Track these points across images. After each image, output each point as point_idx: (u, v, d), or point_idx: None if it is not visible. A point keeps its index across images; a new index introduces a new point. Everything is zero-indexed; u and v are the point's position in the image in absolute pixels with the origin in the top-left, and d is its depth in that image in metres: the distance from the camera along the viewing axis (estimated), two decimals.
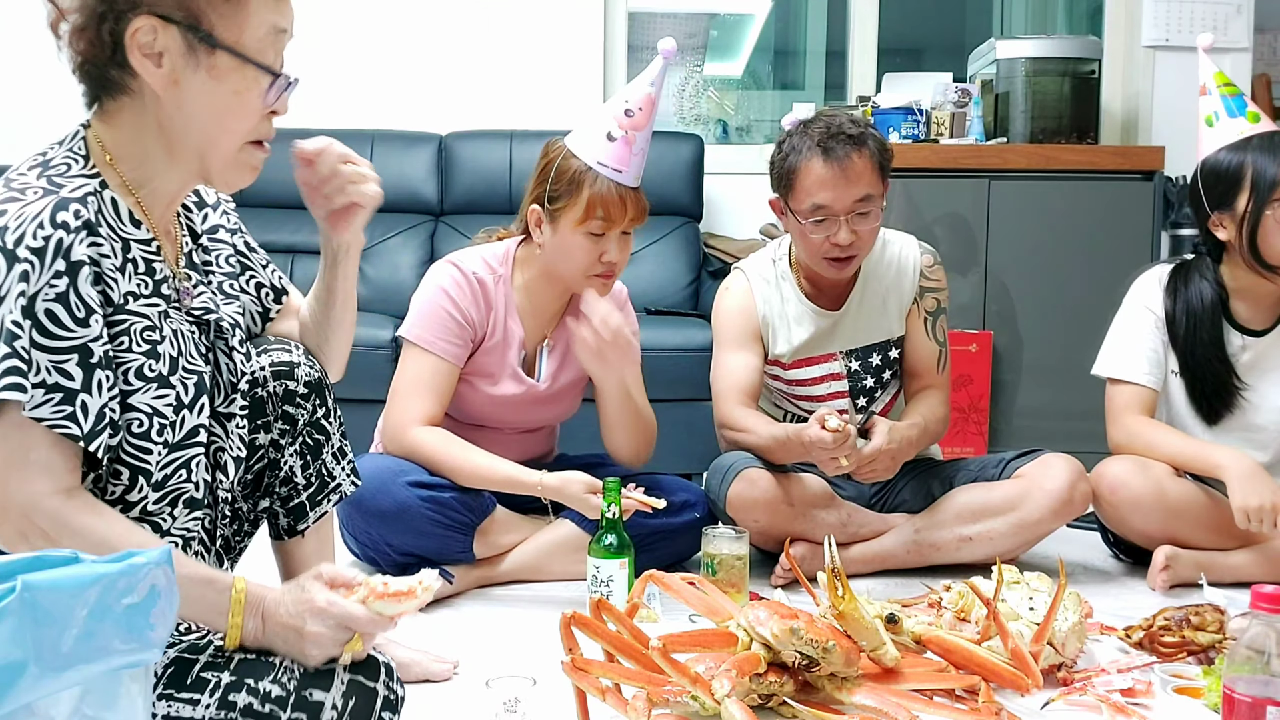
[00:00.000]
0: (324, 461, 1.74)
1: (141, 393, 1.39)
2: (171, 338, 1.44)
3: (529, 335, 2.37)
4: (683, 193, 3.85)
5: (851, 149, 2.32)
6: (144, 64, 1.34)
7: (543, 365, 2.39)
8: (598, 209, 2.21)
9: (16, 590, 0.97)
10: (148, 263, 1.42)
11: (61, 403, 1.30)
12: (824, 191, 2.32)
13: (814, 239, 2.37)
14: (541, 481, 2.19)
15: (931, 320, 2.54)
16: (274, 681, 1.38)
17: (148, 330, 1.40)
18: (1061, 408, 3.53)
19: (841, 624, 1.60)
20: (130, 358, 1.38)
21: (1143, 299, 2.50)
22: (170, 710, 1.36)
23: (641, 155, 2.26)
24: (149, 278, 1.42)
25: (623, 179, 2.22)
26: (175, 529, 1.47)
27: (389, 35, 4.00)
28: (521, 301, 2.36)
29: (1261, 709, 1.36)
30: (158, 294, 1.43)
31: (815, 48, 4.74)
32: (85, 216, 1.32)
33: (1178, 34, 3.96)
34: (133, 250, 1.40)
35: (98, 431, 1.33)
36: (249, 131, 1.41)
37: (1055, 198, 3.57)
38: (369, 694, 1.41)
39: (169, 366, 1.42)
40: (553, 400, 2.41)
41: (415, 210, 3.83)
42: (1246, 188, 2.33)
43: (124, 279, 1.38)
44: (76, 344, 1.31)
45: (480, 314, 2.31)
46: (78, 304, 1.31)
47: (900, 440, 2.32)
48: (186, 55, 1.34)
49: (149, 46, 1.33)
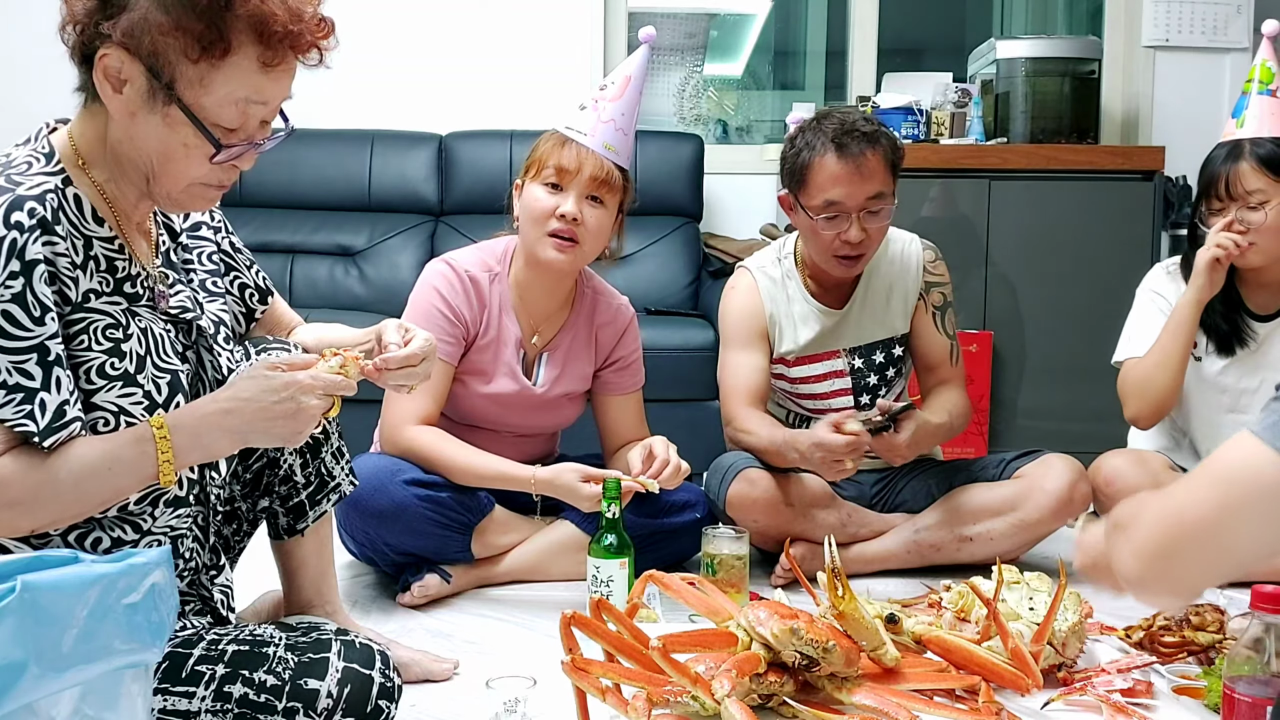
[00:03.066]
0: (323, 461, 1.74)
1: (105, 391, 1.38)
2: (140, 336, 1.42)
3: (525, 334, 2.37)
4: (683, 193, 3.85)
5: (866, 146, 2.32)
6: (104, 85, 1.34)
7: (541, 370, 2.38)
8: (550, 159, 2.24)
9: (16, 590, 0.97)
10: (110, 261, 1.41)
11: (23, 401, 1.30)
12: (837, 188, 2.32)
13: (825, 235, 2.36)
14: (534, 476, 2.19)
15: (940, 314, 2.54)
16: (269, 672, 1.38)
17: (110, 328, 1.39)
18: (1062, 408, 3.53)
19: (841, 624, 1.60)
20: (90, 356, 1.37)
21: (1150, 286, 2.56)
22: (167, 704, 1.36)
23: (612, 126, 2.26)
24: (111, 275, 1.41)
25: (585, 141, 2.24)
26: (157, 528, 1.45)
27: (389, 35, 3.99)
28: (516, 298, 2.36)
29: (1261, 709, 1.36)
30: (121, 292, 1.42)
31: (815, 48, 4.73)
32: (40, 214, 1.31)
33: (1178, 34, 3.95)
34: (95, 248, 1.39)
35: (54, 429, 1.32)
36: (199, 177, 1.40)
37: (1055, 198, 3.57)
38: (365, 681, 1.41)
39: (135, 365, 1.41)
40: (549, 407, 2.41)
41: (415, 210, 3.83)
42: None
43: (85, 277, 1.38)
44: (34, 343, 1.31)
45: (472, 311, 2.31)
46: (34, 303, 1.30)
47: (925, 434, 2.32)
48: (147, 95, 1.34)
49: (115, 72, 1.33)
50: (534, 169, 2.27)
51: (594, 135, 2.25)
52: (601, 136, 2.25)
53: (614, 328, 2.44)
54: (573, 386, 2.41)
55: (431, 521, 2.21)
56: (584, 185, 2.22)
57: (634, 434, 2.45)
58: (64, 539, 1.39)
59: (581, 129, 2.26)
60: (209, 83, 1.33)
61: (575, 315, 2.41)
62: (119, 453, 1.35)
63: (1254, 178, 2.34)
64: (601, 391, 2.46)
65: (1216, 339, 2.47)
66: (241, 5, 1.32)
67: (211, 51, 1.32)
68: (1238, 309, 2.46)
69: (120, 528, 1.43)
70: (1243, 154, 2.36)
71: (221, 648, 1.41)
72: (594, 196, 2.24)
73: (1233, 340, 2.46)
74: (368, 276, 3.66)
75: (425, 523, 2.20)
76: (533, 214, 2.25)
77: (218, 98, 1.34)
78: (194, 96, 1.33)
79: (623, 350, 2.45)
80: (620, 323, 2.45)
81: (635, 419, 2.47)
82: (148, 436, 1.36)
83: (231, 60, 1.33)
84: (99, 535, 1.41)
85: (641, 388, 2.49)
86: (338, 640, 1.45)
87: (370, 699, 1.41)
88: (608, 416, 2.47)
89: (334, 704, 1.38)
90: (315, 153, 3.81)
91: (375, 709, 1.42)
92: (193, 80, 1.33)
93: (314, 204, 3.80)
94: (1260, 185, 2.34)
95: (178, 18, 1.30)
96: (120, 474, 1.36)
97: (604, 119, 2.26)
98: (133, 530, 1.43)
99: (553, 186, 2.23)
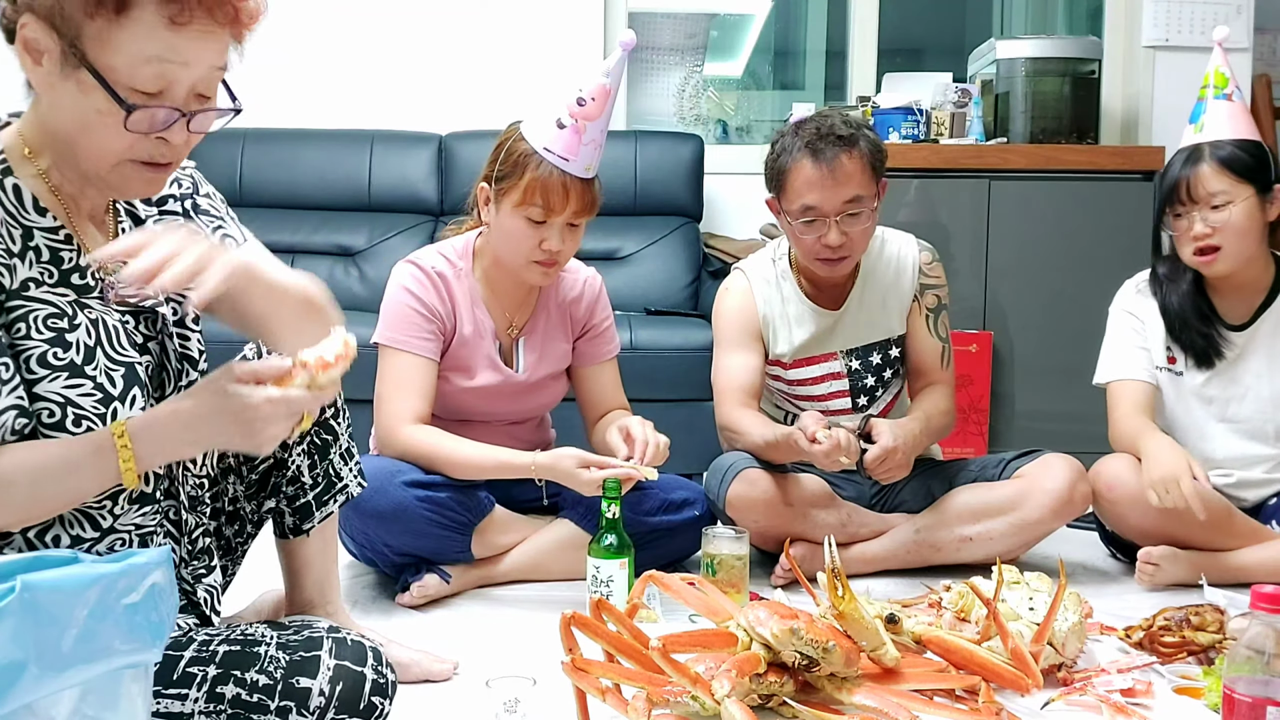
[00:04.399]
0: (331, 461, 1.74)
1: (48, 381, 1.35)
2: (89, 327, 1.39)
3: (499, 324, 2.37)
4: (683, 193, 3.85)
5: (840, 150, 2.32)
6: (24, 58, 1.31)
7: (520, 356, 2.38)
8: (536, 195, 2.19)
9: (16, 590, 0.97)
10: (54, 251, 1.38)
11: None
12: (812, 193, 2.33)
13: (805, 239, 2.38)
14: (534, 462, 2.18)
15: (933, 317, 2.54)
16: (260, 671, 1.38)
17: (52, 318, 1.36)
18: (1062, 408, 3.53)
19: (841, 624, 1.60)
20: (29, 344, 1.34)
21: (1122, 305, 2.57)
22: (159, 707, 1.36)
23: (594, 146, 2.23)
24: (55, 266, 1.38)
25: (569, 168, 2.19)
26: (120, 525, 1.42)
27: (389, 35, 3.99)
28: (485, 291, 2.35)
29: (1261, 709, 1.36)
30: (68, 284, 1.39)
31: (815, 48, 4.74)
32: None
33: (1178, 34, 3.95)
34: (35, 238, 1.37)
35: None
36: (122, 151, 1.33)
37: (1055, 198, 3.57)
38: (357, 679, 1.41)
39: (84, 356, 1.38)
40: (534, 390, 2.41)
41: (415, 210, 3.83)
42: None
43: (23, 265, 1.35)
44: None
45: (445, 308, 2.30)
46: None
47: (906, 436, 2.32)
48: (61, 62, 1.30)
49: (34, 44, 1.30)
50: (516, 194, 2.20)
51: (577, 160, 2.20)
52: (584, 160, 2.21)
53: (584, 301, 2.44)
54: (554, 366, 2.42)
55: (431, 522, 2.21)
56: (569, 217, 2.22)
57: (613, 402, 2.45)
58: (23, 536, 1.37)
59: (564, 154, 2.19)
60: (113, 41, 1.28)
61: (545, 296, 2.41)
62: (78, 459, 1.32)
63: (1215, 179, 2.34)
64: (578, 364, 2.46)
65: (1194, 355, 2.47)
66: None
67: (106, 5, 1.27)
68: (1211, 322, 2.46)
69: (79, 524, 1.39)
70: (1203, 157, 2.36)
71: (213, 648, 1.40)
72: (574, 223, 2.24)
73: (1210, 354, 2.46)
74: (368, 276, 3.66)
75: (425, 523, 2.20)
76: (516, 244, 2.24)
77: (127, 57, 1.28)
78: (103, 57, 1.28)
79: (594, 318, 2.45)
80: (590, 295, 2.45)
81: (613, 387, 2.47)
82: (108, 445, 1.32)
83: (133, 16, 1.27)
84: (58, 533, 1.38)
85: (616, 355, 2.49)
86: (329, 638, 1.44)
87: (363, 696, 1.41)
88: (585, 387, 2.47)
89: (327, 702, 1.38)
90: (315, 153, 3.82)
91: (369, 706, 1.41)
92: (94, 38, 1.28)
93: (314, 204, 3.80)
94: (1222, 186, 2.34)
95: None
96: (79, 480, 1.33)
97: (585, 140, 2.21)
98: (91, 527, 1.40)
99: (537, 221, 2.22)
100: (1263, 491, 2.48)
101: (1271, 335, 2.45)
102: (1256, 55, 4.12)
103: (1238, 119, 2.41)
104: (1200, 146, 2.39)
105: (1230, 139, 2.37)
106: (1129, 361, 2.51)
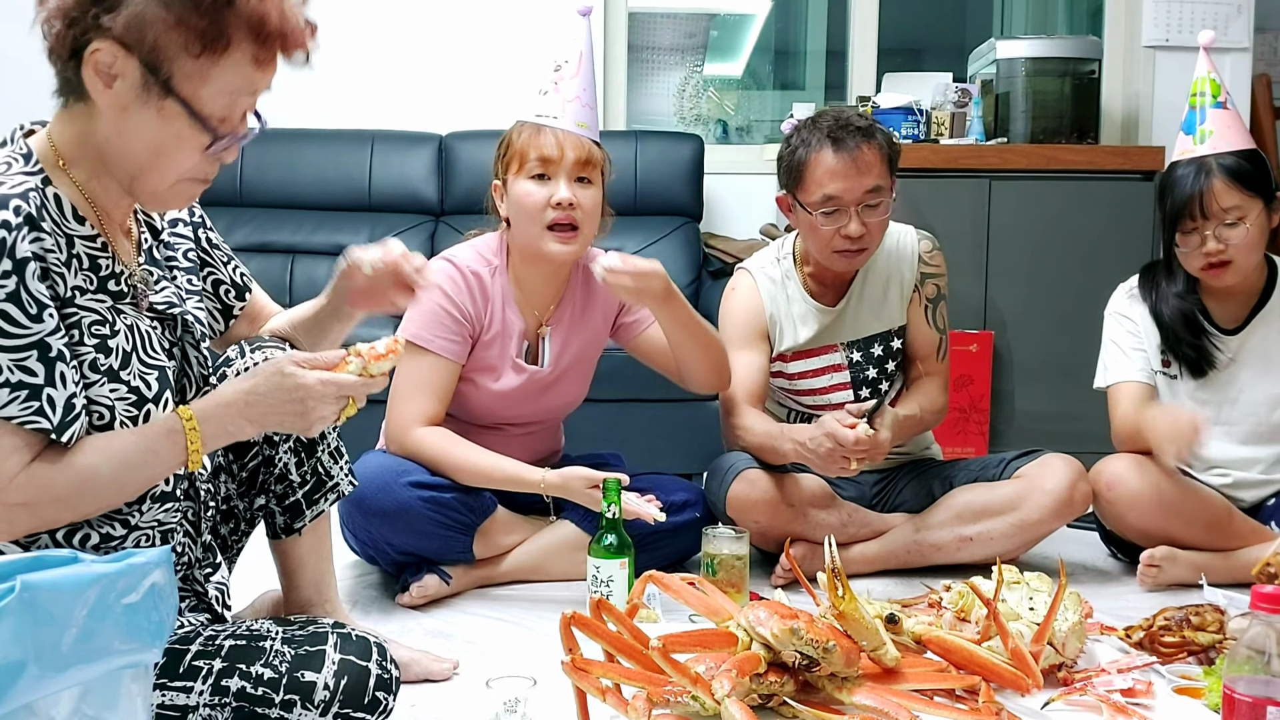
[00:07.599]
0: (319, 460, 1.74)
1: (98, 386, 1.39)
2: (126, 332, 1.43)
3: (529, 323, 2.36)
4: (683, 193, 3.85)
5: (861, 140, 2.33)
6: (94, 82, 1.34)
7: (546, 350, 2.37)
8: (530, 150, 2.23)
9: (16, 590, 0.97)
10: (93, 259, 1.42)
11: (29, 399, 1.31)
12: (835, 182, 2.33)
13: (824, 231, 2.37)
14: (544, 479, 2.19)
15: (932, 307, 2.54)
16: (265, 665, 1.39)
17: (96, 324, 1.40)
18: (1062, 408, 3.53)
19: (841, 624, 1.60)
20: (82, 351, 1.38)
21: (1115, 310, 2.57)
22: (165, 699, 1.37)
23: (578, 104, 2.25)
24: (94, 274, 1.42)
25: (557, 124, 2.23)
26: (144, 523, 1.47)
27: (389, 35, 3.99)
28: (516, 290, 2.35)
29: (1261, 709, 1.36)
30: (105, 290, 1.43)
31: (815, 48, 4.74)
32: (26, 211, 1.32)
33: (1178, 34, 3.95)
34: (77, 246, 1.40)
35: (68, 423, 1.34)
36: (186, 171, 1.41)
37: (1055, 198, 3.57)
38: (361, 673, 1.42)
39: (120, 361, 1.41)
40: (558, 383, 2.39)
41: (415, 210, 3.83)
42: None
43: (70, 274, 1.38)
44: (34, 340, 1.31)
45: (477, 309, 2.30)
46: (29, 300, 1.31)
47: (899, 432, 2.32)
48: (140, 90, 1.34)
49: (106, 68, 1.33)
50: (515, 164, 2.25)
51: (565, 116, 2.24)
52: (572, 115, 2.24)
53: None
54: (579, 355, 2.41)
55: (434, 522, 2.21)
56: (570, 169, 2.22)
57: None
58: (51, 536, 1.40)
59: (550, 113, 2.24)
60: (207, 76, 1.35)
61: (570, 289, 2.40)
62: (154, 444, 1.40)
63: (1228, 195, 2.32)
64: (629, 338, 2.46)
65: (1187, 365, 2.47)
66: (243, 4, 1.34)
67: (213, 48, 1.34)
68: (1201, 332, 2.45)
69: (109, 524, 1.43)
70: (1212, 171, 2.33)
71: (219, 642, 1.42)
72: (581, 178, 2.24)
73: (1202, 365, 2.45)
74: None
75: (428, 523, 2.20)
76: (527, 209, 2.24)
77: (213, 90, 1.36)
78: (192, 90, 1.35)
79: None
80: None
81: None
82: (178, 428, 1.41)
83: (230, 56, 1.35)
84: (87, 531, 1.42)
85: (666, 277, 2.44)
86: (334, 633, 1.46)
87: (368, 690, 1.42)
88: (646, 349, 2.46)
89: (331, 696, 1.39)
90: (315, 153, 3.82)
91: (373, 700, 1.42)
92: (191, 74, 1.34)
93: (314, 204, 3.80)
94: (1236, 202, 2.32)
95: (180, 14, 1.32)
96: (156, 464, 1.40)
97: (568, 97, 2.25)
98: (121, 525, 1.44)
99: (539, 177, 2.23)
100: (1261, 492, 2.48)
101: (1264, 338, 2.45)
102: (1256, 55, 4.11)
103: (1237, 128, 2.40)
104: (1206, 160, 2.35)
105: (1232, 150, 2.36)
106: (1127, 364, 2.51)
